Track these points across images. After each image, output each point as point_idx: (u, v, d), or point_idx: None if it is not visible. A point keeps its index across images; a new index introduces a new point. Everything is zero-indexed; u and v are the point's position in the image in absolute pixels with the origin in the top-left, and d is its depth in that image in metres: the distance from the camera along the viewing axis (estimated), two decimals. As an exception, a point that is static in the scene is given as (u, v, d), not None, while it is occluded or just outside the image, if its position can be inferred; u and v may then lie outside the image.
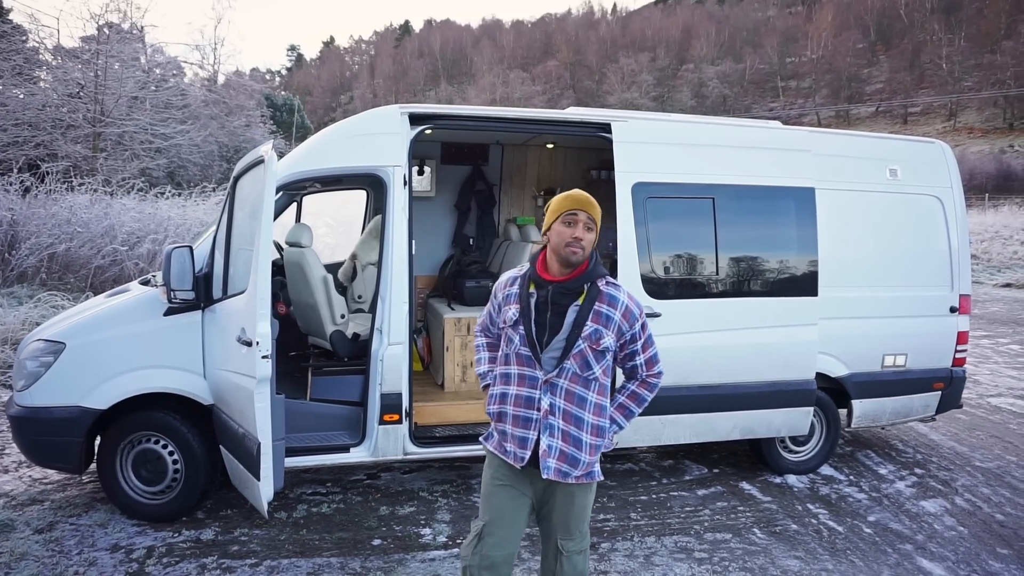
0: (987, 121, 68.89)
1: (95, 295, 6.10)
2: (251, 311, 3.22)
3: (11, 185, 10.93)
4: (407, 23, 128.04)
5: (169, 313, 3.90)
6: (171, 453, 3.96)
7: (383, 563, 3.60)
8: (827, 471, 5.09)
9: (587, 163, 6.68)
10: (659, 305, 4.31)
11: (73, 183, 12.27)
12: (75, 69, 17.68)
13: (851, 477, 5.00)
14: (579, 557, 2.51)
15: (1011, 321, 12.19)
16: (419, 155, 6.31)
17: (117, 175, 15.01)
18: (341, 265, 6.22)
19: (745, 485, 4.80)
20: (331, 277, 4.93)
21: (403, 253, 4.06)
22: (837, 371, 4.86)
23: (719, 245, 4.48)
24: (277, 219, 4.14)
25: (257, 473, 3.23)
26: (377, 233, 4.45)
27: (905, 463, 5.32)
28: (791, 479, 4.92)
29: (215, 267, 3.91)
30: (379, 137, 4.09)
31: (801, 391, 4.60)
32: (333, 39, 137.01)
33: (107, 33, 17.96)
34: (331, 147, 4.20)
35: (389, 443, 4.08)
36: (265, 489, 3.25)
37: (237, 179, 3.90)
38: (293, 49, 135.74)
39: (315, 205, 6.69)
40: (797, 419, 4.65)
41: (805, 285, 4.59)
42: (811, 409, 4.65)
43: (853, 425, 5.00)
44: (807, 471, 5.01)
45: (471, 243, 6.76)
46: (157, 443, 3.95)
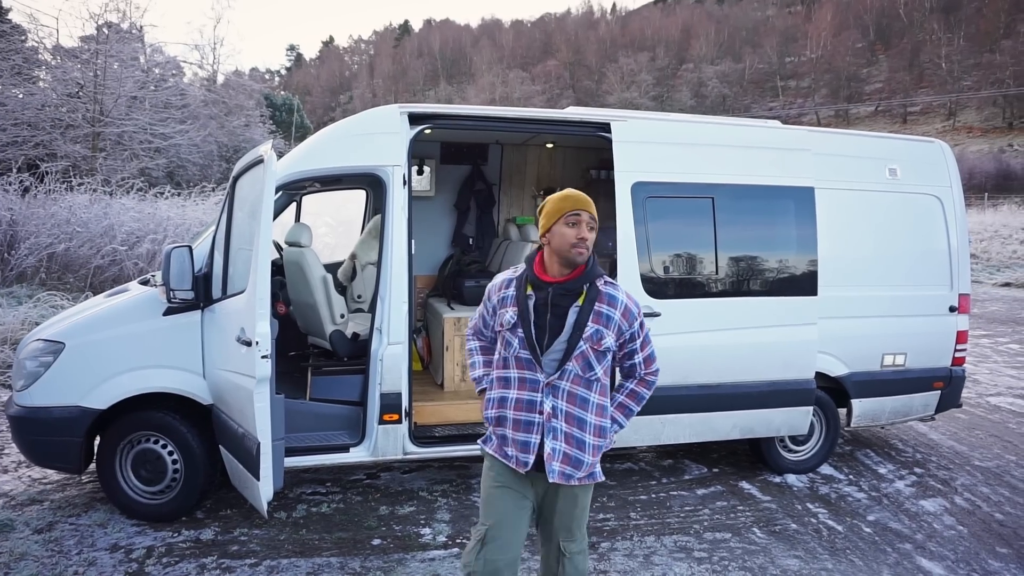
0: (986, 120, 68.91)
1: (94, 295, 6.09)
2: (250, 311, 3.21)
3: (10, 185, 10.92)
4: (406, 23, 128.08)
5: (168, 313, 3.89)
6: (170, 453, 3.95)
7: (383, 563, 3.60)
8: (827, 470, 5.09)
9: (586, 163, 6.69)
10: (659, 305, 4.31)
11: (72, 183, 12.25)
12: (74, 69, 17.69)
13: (851, 476, 5.00)
14: (580, 557, 2.51)
15: (1010, 320, 12.20)
16: (418, 155, 6.30)
17: (116, 175, 15.02)
18: (341, 265, 6.22)
19: (745, 484, 4.80)
20: (331, 277, 4.93)
21: (403, 253, 4.05)
22: (837, 370, 4.87)
23: (719, 245, 4.48)
24: (276, 219, 4.14)
25: (257, 473, 3.23)
26: (376, 233, 4.45)
27: (904, 462, 5.32)
28: (791, 478, 4.92)
29: (214, 267, 3.91)
30: (378, 137, 4.09)
31: (801, 390, 4.60)
32: (332, 39, 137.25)
33: (106, 33, 17.95)
34: (330, 147, 4.20)
35: (389, 443, 4.08)
36: (265, 489, 3.25)
37: (236, 179, 3.90)
38: (292, 49, 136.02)
39: (315, 205, 6.69)
40: (797, 418, 4.65)
41: (804, 284, 4.59)
42: (811, 408, 4.65)
43: (853, 424, 5.01)
44: (807, 470, 5.01)
45: (470, 243, 6.76)
46: (156, 443, 3.95)
